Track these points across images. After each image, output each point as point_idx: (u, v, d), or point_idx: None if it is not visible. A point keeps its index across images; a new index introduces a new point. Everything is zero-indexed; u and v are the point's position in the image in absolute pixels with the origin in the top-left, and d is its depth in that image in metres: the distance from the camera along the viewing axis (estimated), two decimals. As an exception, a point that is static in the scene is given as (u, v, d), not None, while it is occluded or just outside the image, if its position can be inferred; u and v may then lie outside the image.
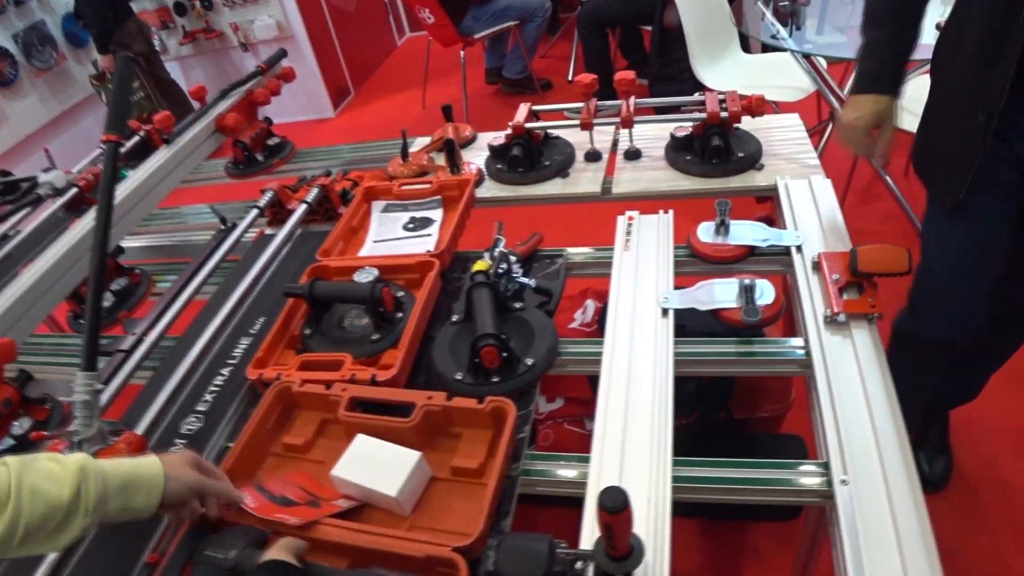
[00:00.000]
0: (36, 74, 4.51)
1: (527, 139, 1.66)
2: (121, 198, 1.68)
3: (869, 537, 0.88)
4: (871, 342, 1.11)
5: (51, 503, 0.78)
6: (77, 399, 1.05)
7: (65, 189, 1.96)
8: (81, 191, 1.95)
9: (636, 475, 0.99)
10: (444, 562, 0.89)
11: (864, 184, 3.01)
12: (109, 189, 1.15)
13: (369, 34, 5.77)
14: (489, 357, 1.12)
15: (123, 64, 1.26)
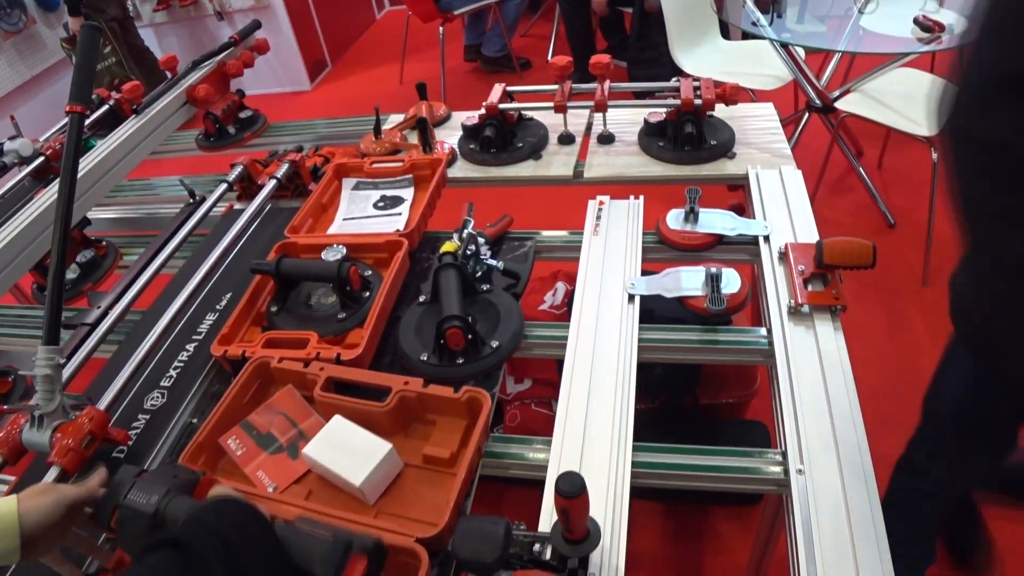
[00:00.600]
0: (4, 37, 4.40)
1: (500, 120, 1.65)
2: (88, 168, 1.66)
3: (822, 526, 0.89)
4: (833, 333, 1.12)
5: None
6: (39, 373, 1.04)
7: (32, 158, 1.92)
8: (48, 160, 1.92)
9: (596, 460, 1.00)
10: (407, 552, 0.89)
11: (837, 175, 3.03)
12: (73, 161, 1.13)
13: (348, 6, 5.69)
14: (455, 339, 1.12)
15: (88, 33, 1.23)
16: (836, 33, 2.73)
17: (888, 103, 2.49)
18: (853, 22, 2.68)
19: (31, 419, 1.06)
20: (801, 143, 2.91)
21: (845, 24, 2.73)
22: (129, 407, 1.22)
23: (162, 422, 1.18)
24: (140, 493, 0.83)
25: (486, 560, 0.77)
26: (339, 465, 1.01)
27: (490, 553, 0.76)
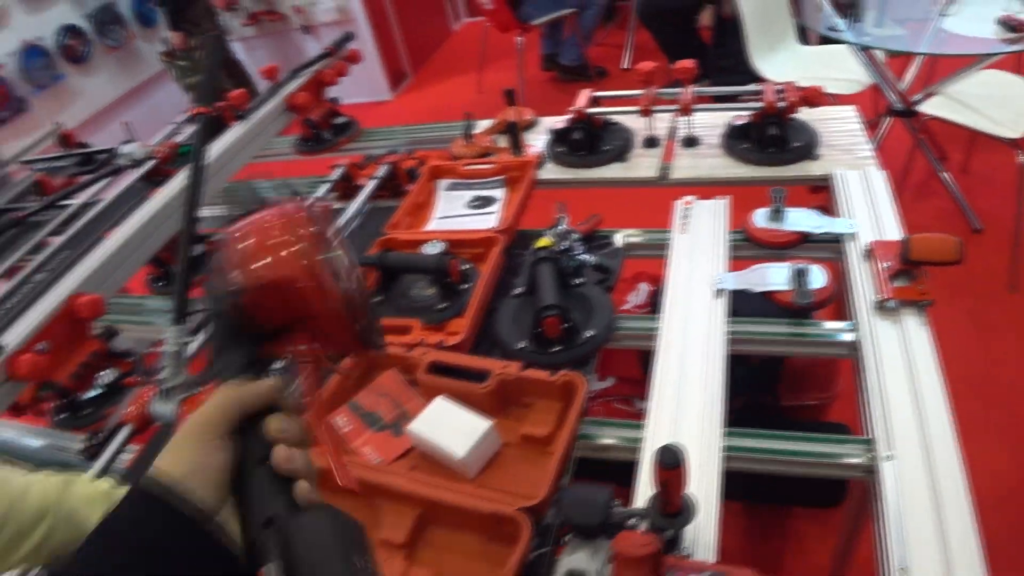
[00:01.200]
0: (107, 51, 4.69)
1: (588, 124, 1.72)
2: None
3: (911, 513, 0.92)
4: (920, 328, 1.15)
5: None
6: (167, 350, 1.15)
7: (143, 160, 2.07)
8: (159, 163, 2.06)
9: (688, 442, 1.05)
10: (509, 520, 0.96)
11: (920, 180, 3.01)
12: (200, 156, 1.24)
13: (427, 19, 5.85)
14: (551, 327, 1.19)
15: (213, 43, 1.36)
16: (916, 36, 2.72)
17: (972, 105, 2.47)
18: (934, 24, 2.66)
19: (159, 392, 1.16)
20: (882, 148, 2.90)
21: (925, 27, 2.71)
22: (248, 382, 1.31)
23: (276, 400, 1.28)
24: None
25: (590, 523, 0.83)
26: (443, 440, 1.08)
27: (594, 516, 0.83)
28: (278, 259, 0.55)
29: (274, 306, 0.56)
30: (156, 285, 1.92)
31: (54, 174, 2.48)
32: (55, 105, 4.36)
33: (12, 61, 4.16)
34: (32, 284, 1.75)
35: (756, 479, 1.90)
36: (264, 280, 0.55)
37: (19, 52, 4.18)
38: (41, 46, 4.30)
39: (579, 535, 0.85)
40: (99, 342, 1.47)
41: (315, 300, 0.55)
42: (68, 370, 1.40)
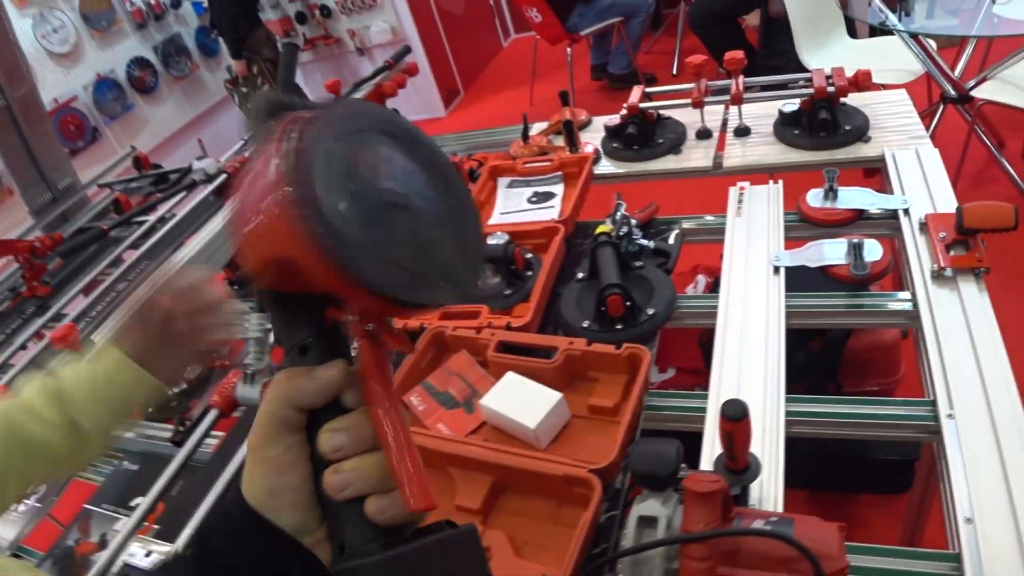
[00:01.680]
0: (173, 81, 4.92)
1: (642, 118, 1.77)
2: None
3: (975, 467, 0.94)
4: (978, 294, 1.17)
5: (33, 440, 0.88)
6: (251, 336, 1.23)
7: (216, 175, 2.19)
8: (230, 176, 2.18)
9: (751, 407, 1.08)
10: (580, 482, 1.01)
11: (978, 168, 2.98)
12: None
13: (477, 37, 5.98)
14: (615, 305, 1.24)
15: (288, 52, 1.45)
16: (968, 24, 2.71)
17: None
18: (986, 10, 2.65)
19: (244, 376, 1.25)
20: (937, 136, 2.88)
21: (976, 15, 2.70)
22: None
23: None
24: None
25: (660, 474, 0.87)
26: (514, 412, 1.13)
27: (664, 468, 0.87)
28: (253, 241, 0.42)
29: (293, 283, 0.43)
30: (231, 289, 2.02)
31: (130, 194, 2.63)
32: (126, 133, 4.58)
33: (85, 94, 4.39)
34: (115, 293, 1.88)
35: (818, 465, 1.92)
36: (255, 266, 0.44)
37: (91, 85, 4.42)
38: (112, 78, 4.54)
39: (648, 487, 0.90)
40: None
41: (321, 284, 0.40)
42: (155, 365, 1.50)
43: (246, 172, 0.43)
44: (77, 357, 0.95)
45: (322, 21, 5.16)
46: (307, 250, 0.38)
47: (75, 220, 2.71)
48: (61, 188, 2.96)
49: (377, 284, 0.40)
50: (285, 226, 0.39)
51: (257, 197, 0.41)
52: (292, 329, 0.48)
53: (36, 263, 2.19)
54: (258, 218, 0.41)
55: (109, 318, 1.61)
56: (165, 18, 4.88)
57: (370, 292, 0.40)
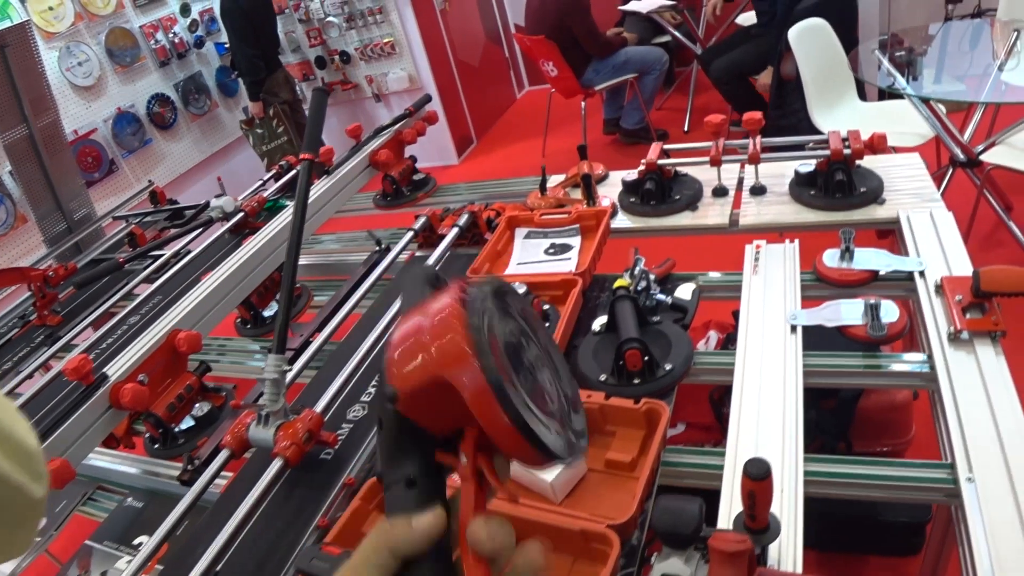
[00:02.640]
0: (192, 119, 5.00)
1: (659, 175, 1.80)
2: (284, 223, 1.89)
3: (996, 535, 0.93)
4: (995, 357, 1.17)
5: None
6: (267, 377, 1.23)
7: (233, 213, 2.21)
8: (247, 215, 2.20)
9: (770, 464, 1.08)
10: (598, 537, 1.00)
11: (987, 230, 3.00)
12: (304, 197, 1.35)
13: (492, 87, 6.09)
14: (633, 359, 1.24)
15: (318, 96, 1.48)
16: (976, 90, 2.76)
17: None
18: (994, 77, 2.70)
19: (258, 417, 1.24)
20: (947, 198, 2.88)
21: (985, 81, 2.75)
22: (334, 417, 1.38)
23: (363, 431, 1.34)
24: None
25: (683, 532, 0.87)
26: (530, 465, 1.13)
27: (687, 525, 0.87)
28: (423, 360, 0.48)
29: (431, 413, 0.50)
30: (244, 328, 2.03)
31: (145, 228, 2.65)
32: (142, 167, 4.65)
33: (104, 127, 4.46)
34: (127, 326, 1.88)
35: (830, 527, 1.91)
36: (411, 385, 0.48)
37: (112, 118, 4.49)
38: (132, 113, 4.62)
39: (670, 546, 0.89)
40: (194, 376, 1.57)
41: (471, 403, 0.46)
42: (165, 401, 1.50)
43: (420, 314, 0.50)
44: None
45: (341, 67, 5.26)
46: (475, 379, 0.45)
47: (89, 251, 2.74)
48: (77, 218, 3.00)
49: (519, 417, 0.46)
50: (458, 355, 0.46)
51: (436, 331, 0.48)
52: (403, 459, 0.51)
53: (48, 292, 2.21)
54: (435, 343, 0.47)
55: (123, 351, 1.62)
56: (187, 56, 4.98)
57: (512, 422, 0.46)
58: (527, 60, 6.34)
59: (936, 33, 3.41)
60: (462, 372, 0.46)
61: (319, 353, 1.53)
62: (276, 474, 1.18)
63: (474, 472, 0.50)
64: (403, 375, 0.49)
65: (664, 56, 4.60)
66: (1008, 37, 2.93)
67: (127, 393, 1.35)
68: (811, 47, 3.09)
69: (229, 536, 1.12)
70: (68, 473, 1.25)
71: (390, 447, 0.52)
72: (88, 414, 1.33)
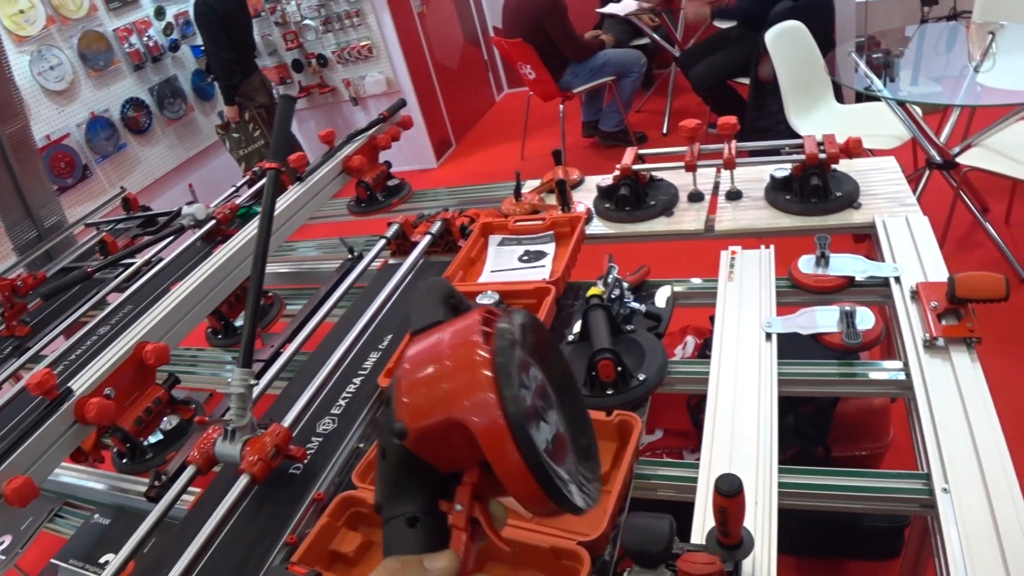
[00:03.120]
0: (167, 123, 4.94)
1: (634, 180, 1.78)
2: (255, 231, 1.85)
3: (972, 546, 0.92)
4: (970, 364, 1.16)
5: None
6: (234, 391, 1.20)
7: (204, 221, 2.17)
8: (219, 223, 2.16)
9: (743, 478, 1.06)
10: (568, 555, 0.98)
11: (963, 232, 3.01)
12: (270, 207, 1.32)
13: (470, 90, 6.06)
14: (605, 370, 1.22)
15: (284, 104, 1.45)
16: (952, 91, 2.76)
17: (1012, 155, 2.50)
18: (969, 79, 2.71)
19: (224, 433, 1.20)
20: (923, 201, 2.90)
21: (960, 83, 2.76)
22: (304, 430, 1.35)
23: (333, 445, 1.31)
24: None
25: (653, 551, 0.85)
26: (500, 479, 1.11)
27: (657, 544, 0.85)
28: (441, 399, 0.46)
29: (442, 452, 0.48)
30: (215, 338, 2.00)
31: (117, 235, 2.61)
32: (116, 172, 4.59)
33: (78, 132, 4.39)
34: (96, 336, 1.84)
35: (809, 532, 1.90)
36: (424, 424, 0.46)
37: (85, 123, 4.43)
38: (106, 118, 4.55)
39: (640, 564, 0.87)
40: (162, 389, 1.53)
41: (488, 449, 0.45)
42: (133, 415, 1.46)
43: (436, 344, 0.49)
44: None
45: (318, 70, 5.22)
46: (498, 428, 0.44)
47: (60, 259, 2.69)
48: (47, 226, 2.94)
49: (532, 453, 0.44)
50: (482, 400, 0.44)
51: (457, 368, 0.46)
52: (405, 496, 0.50)
53: (17, 302, 2.16)
54: (456, 382, 0.46)
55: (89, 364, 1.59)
56: (162, 60, 4.92)
57: (523, 456, 0.44)
58: (506, 63, 6.33)
59: (912, 35, 3.43)
60: (484, 417, 0.44)
61: (290, 364, 1.51)
62: (243, 490, 1.15)
63: (469, 520, 0.48)
64: (416, 411, 0.47)
65: (642, 58, 4.59)
66: (983, 39, 2.94)
67: (92, 408, 1.31)
68: (788, 49, 3.09)
69: (195, 554, 1.09)
70: (31, 491, 1.22)
71: (394, 482, 0.50)
72: (52, 430, 1.30)
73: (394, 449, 0.48)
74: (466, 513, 0.48)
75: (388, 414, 0.49)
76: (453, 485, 0.50)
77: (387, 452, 0.49)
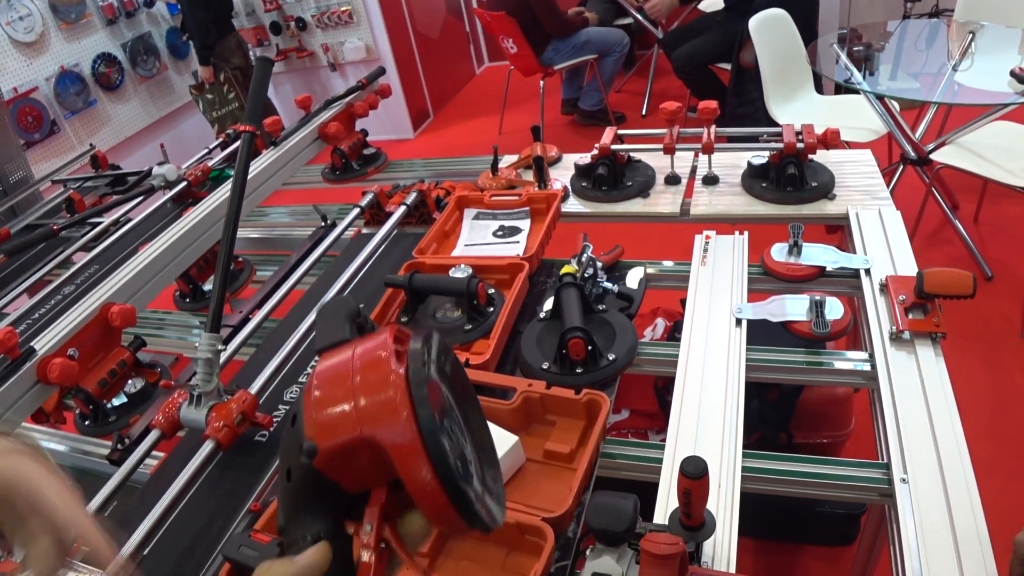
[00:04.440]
0: (139, 81, 4.83)
1: (612, 160, 1.78)
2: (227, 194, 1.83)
3: (927, 536, 0.94)
4: (934, 358, 1.18)
5: None
6: (200, 356, 1.18)
7: (175, 182, 2.14)
8: (190, 185, 2.13)
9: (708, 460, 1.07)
10: (533, 530, 0.98)
11: (933, 228, 3.05)
12: (243, 171, 1.29)
13: (450, 61, 6.00)
14: (576, 349, 1.22)
15: (262, 65, 1.42)
16: (930, 88, 2.79)
17: (985, 155, 2.53)
18: (947, 77, 2.74)
19: (190, 398, 1.19)
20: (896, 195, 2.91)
21: (939, 80, 2.78)
22: (271, 398, 1.35)
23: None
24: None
25: (617, 530, 0.86)
26: (468, 453, 1.11)
27: (621, 523, 0.86)
28: (354, 417, 0.45)
29: (351, 471, 0.47)
30: (183, 301, 1.97)
31: (85, 193, 2.55)
32: (86, 129, 4.48)
33: (46, 85, 4.28)
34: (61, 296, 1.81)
35: (768, 515, 1.93)
36: (335, 442, 0.46)
37: (54, 77, 4.31)
38: (76, 72, 4.43)
39: (604, 542, 0.88)
40: (127, 351, 1.51)
41: (401, 467, 0.45)
42: (97, 377, 1.44)
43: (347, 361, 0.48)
44: None
45: (297, 33, 5.13)
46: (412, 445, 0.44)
47: (25, 216, 2.62)
48: (13, 181, 2.87)
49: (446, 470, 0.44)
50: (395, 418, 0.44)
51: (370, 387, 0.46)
52: (310, 518, 0.49)
53: (-21, 260, 2.11)
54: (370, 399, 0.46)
55: (53, 323, 1.56)
56: (137, 16, 4.80)
57: (436, 473, 0.44)
58: (488, 35, 6.27)
59: (894, 30, 3.44)
60: (398, 435, 0.44)
61: (258, 330, 1.49)
62: (208, 456, 1.15)
63: (378, 542, 0.48)
64: (327, 429, 0.46)
65: (625, 38, 4.57)
66: (963, 38, 2.96)
67: (55, 368, 1.29)
68: (771, 37, 3.09)
69: (158, 519, 1.09)
70: (-12, 450, 1.20)
71: (298, 503, 0.49)
72: (13, 389, 1.27)
73: (301, 468, 0.47)
74: (376, 534, 0.48)
75: (295, 433, 0.47)
76: (359, 506, 0.49)
77: (292, 472, 0.48)
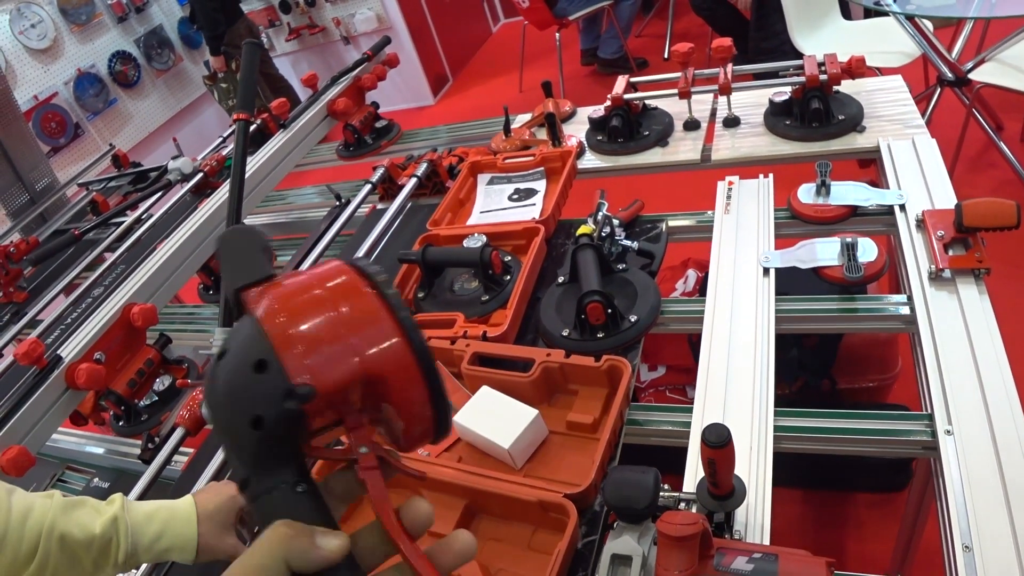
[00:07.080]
0: (156, 75, 4.83)
1: (626, 110, 1.70)
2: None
3: (975, 490, 0.88)
4: (978, 297, 1.10)
5: (78, 553, 0.83)
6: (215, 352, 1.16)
7: (192, 174, 2.12)
8: (206, 175, 2.11)
9: (738, 423, 1.02)
10: (555, 507, 0.95)
11: (976, 152, 2.90)
12: (242, 161, 1.25)
13: (465, 22, 5.88)
14: (595, 313, 1.17)
15: (249, 50, 1.38)
16: (965, 4, 2.63)
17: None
18: (985, -10, 2.58)
19: (209, 394, 1.18)
20: (934, 121, 2.81)
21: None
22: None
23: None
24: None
25: (637, 506, 0.81)
26: (488, 430, 1.07)
27: (641, 500, 0.81)
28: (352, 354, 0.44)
29: (339, 406, 0.45)
30: (207, 294, 1.96)
31: (109, 193, 2.56)
32: (109, 129, 4.50)
33: (66, 90, 4.30)
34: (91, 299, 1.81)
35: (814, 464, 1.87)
36: (335, 382, 0.43)
37: (72, 80, 4.33)
38: (94, 73, 4.45)
39: (626, 519, 0.84)
40: (153, 349, 1.51)
41: (398, 393, 0.44)
42: (125, 378, 1.44)
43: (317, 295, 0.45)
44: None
45: (306, 10, 5.06)
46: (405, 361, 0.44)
47: (53, 221, 2.65)
48: (39, 189, 2.89)
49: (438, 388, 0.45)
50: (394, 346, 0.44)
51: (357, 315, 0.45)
52: (286, 461, 0.46)
53: (11, 268, 2.13)
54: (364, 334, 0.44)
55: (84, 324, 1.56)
56: (146, 10, 4.79)
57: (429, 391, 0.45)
58: (500, -9, 6.14)
59: (923, -56, 3.26)
60: (399, 364, 0.44)
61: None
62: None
63: (376, 456, 0.46)
64: (323, 370, 0.43)
65: (640, -21, 4.43)
66: (997, -54, 2.78)
67: (82, 373, 1.30)
68: (791, -36, 2.95)
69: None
70: (27, 460, 1.20)
71: (273, 449, 0.46)
72: (44, 398, 1.28)
73: (286, 415, 0.44)
74: (374, 452, 0.46)
75: (269, 378, 0.43)
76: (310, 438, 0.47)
77: (265, 419, 0.44)
